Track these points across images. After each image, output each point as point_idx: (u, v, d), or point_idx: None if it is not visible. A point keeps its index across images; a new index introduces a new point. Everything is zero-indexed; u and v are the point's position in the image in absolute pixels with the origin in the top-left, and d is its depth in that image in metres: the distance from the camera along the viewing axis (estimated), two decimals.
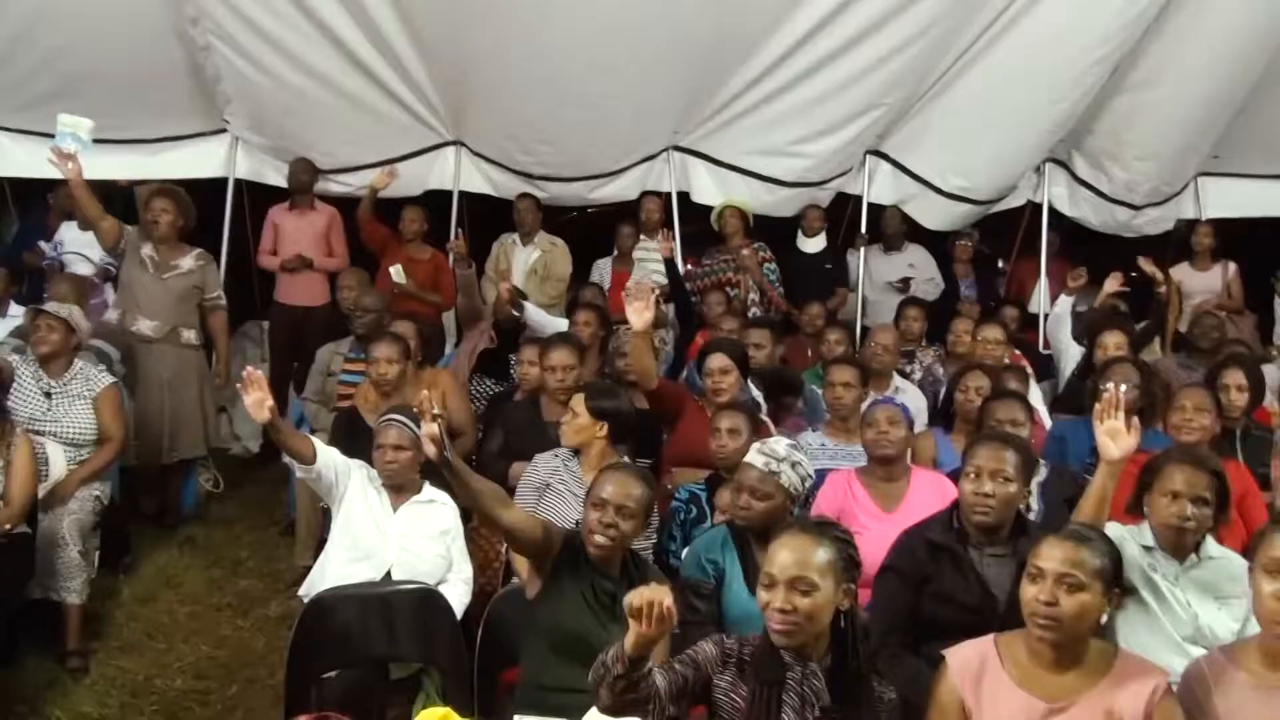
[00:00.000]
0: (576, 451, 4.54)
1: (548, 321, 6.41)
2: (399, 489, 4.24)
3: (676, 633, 2.96)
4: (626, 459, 4.52)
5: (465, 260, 6.92)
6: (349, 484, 4.22)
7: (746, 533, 3.73)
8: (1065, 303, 7.00)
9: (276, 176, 7.59)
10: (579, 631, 3.27)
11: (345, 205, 7.74)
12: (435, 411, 3.20)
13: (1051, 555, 2.67)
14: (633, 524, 3.39)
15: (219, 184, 7.62)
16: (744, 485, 3.74)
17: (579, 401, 4.53)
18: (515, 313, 6.42)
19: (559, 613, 3.32)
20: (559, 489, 4.44)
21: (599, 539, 3.34)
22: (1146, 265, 7.04)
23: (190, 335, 6.20)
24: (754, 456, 3.78)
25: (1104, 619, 2.71)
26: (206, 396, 6.32)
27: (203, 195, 6.79)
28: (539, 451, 4.67)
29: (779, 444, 3.84)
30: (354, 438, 4.75)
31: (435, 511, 4.21)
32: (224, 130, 7.58)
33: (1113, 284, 7.04)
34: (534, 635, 3.37)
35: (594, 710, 3.08)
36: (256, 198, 7.75)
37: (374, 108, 7.32)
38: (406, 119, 7.54)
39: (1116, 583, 2.74)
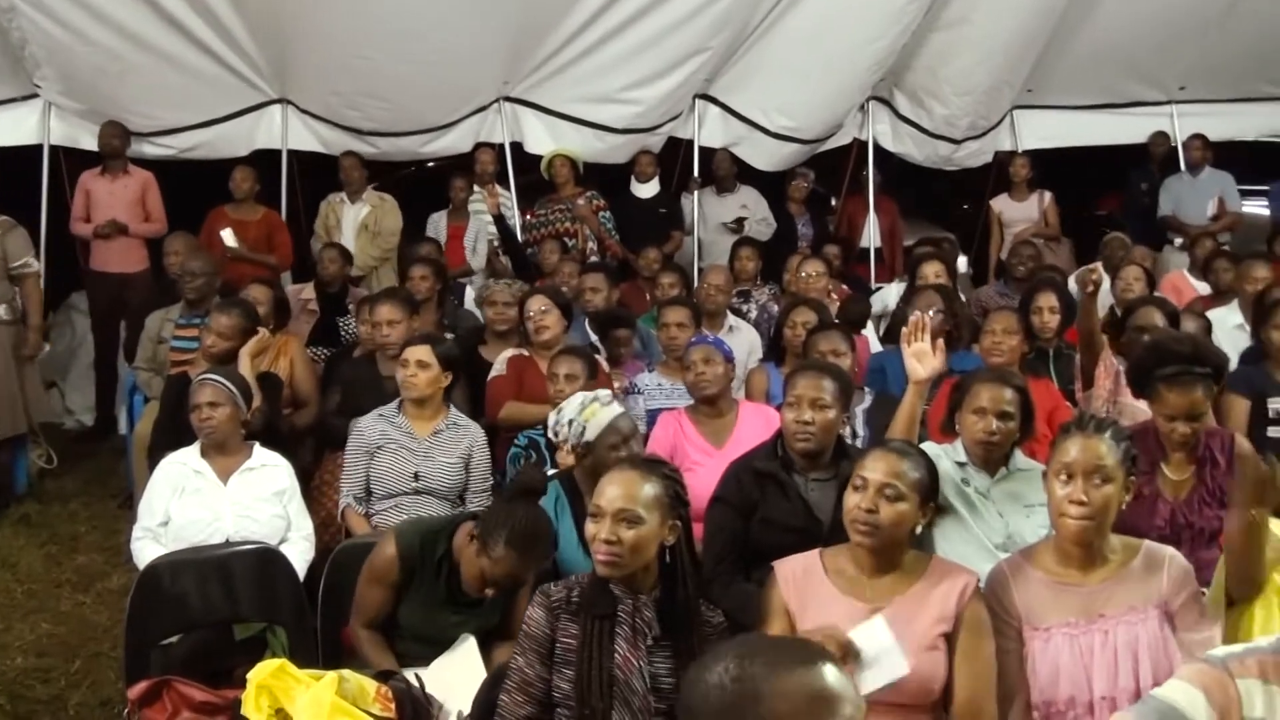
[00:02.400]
0: (400, 407, 4.49)
1: None
2: (225, 453, 4.14)
3: None
4: (453, 409, 4.55)
5: None
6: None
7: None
8: None
9: (93, 142, 7.28)
10: (440, 627, 3.33)
11: (167, 168, 7.54)
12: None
13: (875, 467, 2.80)
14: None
15: (33, 152, 7.34)
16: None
17: (427, 353, 4.41)
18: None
19: (416, 614, 3.35)
20: (391, 448, 4.38)
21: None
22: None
23: None
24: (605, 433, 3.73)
25: (918, 530, 2.87)
26: (28, 371, 6.13)
27: (23, 164, 6.54)
28: (378, 405, 4.59)
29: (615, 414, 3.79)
30: (185, 403, 4.65)
31: (268, 475, 4.15)
32: (36, 95, 7.29)
33: None
34: (393, 629, 3.39)
35: (450, 656, 3.17)
36: (76, 165, 7.46)
37: (192, 66, 7.13)
38: (228, 77, 7.36)
39: (932, 497, 2.90)
